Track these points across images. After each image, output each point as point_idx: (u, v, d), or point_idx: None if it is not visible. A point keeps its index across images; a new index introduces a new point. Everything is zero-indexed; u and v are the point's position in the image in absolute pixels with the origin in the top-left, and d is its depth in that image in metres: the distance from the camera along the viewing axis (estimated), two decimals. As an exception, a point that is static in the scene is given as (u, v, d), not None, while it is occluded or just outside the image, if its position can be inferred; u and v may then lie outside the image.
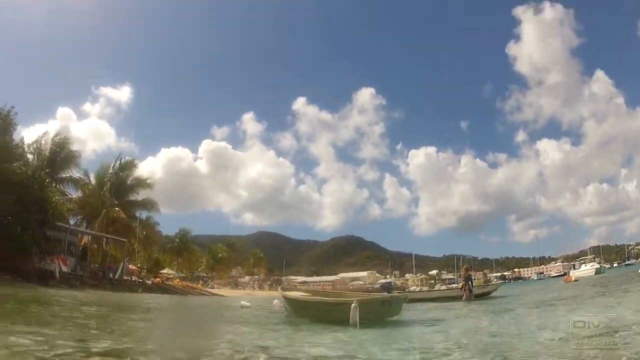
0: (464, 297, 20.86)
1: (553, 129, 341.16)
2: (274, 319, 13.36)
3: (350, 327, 9.75)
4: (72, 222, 37.48)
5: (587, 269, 66.51)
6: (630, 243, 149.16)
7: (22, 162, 24.01)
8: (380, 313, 11.35)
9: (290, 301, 14.03)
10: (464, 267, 26.79)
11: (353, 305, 10.42)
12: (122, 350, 5.30)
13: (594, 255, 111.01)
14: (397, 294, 16.11)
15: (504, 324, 10.24)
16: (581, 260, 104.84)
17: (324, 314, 11.37)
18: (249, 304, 21.84)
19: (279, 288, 18.35)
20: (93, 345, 5.54)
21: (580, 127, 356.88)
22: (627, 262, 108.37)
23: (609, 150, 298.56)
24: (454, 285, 39.34)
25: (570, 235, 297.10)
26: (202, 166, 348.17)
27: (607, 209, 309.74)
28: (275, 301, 18.60)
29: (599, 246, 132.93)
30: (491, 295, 23.82)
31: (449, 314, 14.02)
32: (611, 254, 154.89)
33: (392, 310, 12.02)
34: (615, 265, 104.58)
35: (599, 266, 70.23)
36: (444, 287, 43.31)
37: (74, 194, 42.02)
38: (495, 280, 53.67)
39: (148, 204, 46.66)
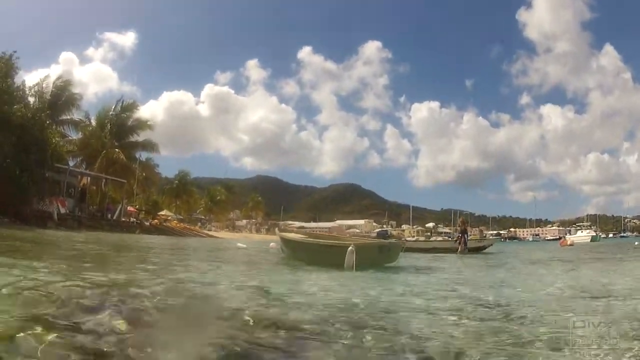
0: (459, 250, 20.96)
1: (558, 96, 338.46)
2: (270, 259, 13.65)
3: (346, 270, 9.95)
4: (71, 163, 37.62)
5: (583, 235, 67.02)
6: (627, 216, 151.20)
7: (22, 105, 23.81)
8: (376, 259, 11.45)
9: (287, 242, 14.14)
10: (461, 219, 26.92)
11: (350, 249, 10.51)
12: (121, 281, 5.50)
13: (590, 223, 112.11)
14: (395, 241, 16.20)
15: (501, 274, 10.45)
16: (578, 226, 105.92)
17: (320, 256, 11.42)
18: (245, 245, 22.25)
19: (277, 229, 18.49)
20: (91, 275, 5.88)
21: (586, 97, 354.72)
22: (622, 234, 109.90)
23: (612, 123, 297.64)
24: (450, 238, 39.92)
25: (568, 201, 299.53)
26: (204, 110, 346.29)
27: (606, 179, 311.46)
28: (272, 244, 18.87)
29: (595, 215, 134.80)
30: (486, 250, 24.21)
31: (445, 263, 14.27)
32: (607, 224, 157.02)
33: (388, 257, 12.20)
34: (610, 235, 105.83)
35: (594, 234, 70.81)
36: (440, 239, 43.87)
37: (75, 136, 42.01)
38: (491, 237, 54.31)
39: (148, 145, 46.49)
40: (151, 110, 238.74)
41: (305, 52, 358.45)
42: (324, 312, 4.63)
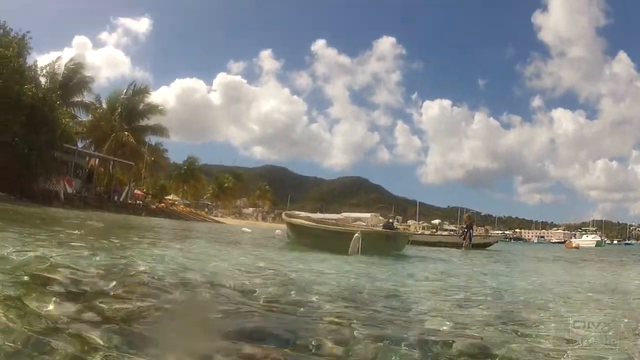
0: (463, 245, 20.78)
1: (570, 100, 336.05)
2: (275, 243, 13.80)
3: (350, 255, 10.07)
4: (80, 145, 37.93)
5: (588, 240, 66.82)
6: (633, 223, 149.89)
7: (33, 85, 24.06)
8: (382, 247, 11.47)
9: (293, 227, 14.16)
10: (467, 215, 26.69)
11: (356, 235, 10.57)
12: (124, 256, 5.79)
13: (596, 228, 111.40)
14: (401, 231, 16.19)
15: (506, 268, 10.58)
16: (583, 230, 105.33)
17: (326, 242, 11.33)
18: (250, 230, 22.49)
19: (283, 214, 18.41)
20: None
21: (597, 103, 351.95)
22: (627, 242, 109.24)
23: (622, 130, 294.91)
24: (455, 234, 39.85)
25: (575, 205, 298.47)
26: (216, 98, 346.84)
27: (614, 186, 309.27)
28: (278, 231, 18.97)
29: (601, 221, 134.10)
30: (490, 248, 24.20)
31: (449, 255, 14.41)
32: (612, 230, 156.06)
33: (395, 246, 12.25)
34: (615, 242, 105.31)
35: (600, 239, 70.55)
36: (445, 233, 43.88)
37: (85, 118, 42.36)
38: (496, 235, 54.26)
39: (158, 130, 46.70)
40: (163, 96, 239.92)
41: (319, 45, 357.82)
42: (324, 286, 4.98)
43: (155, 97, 59.60)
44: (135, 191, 43.93)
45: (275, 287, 4.43)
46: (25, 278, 3.18)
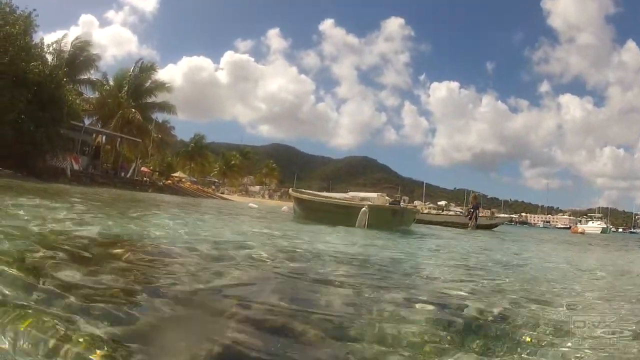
0: (469, 225, 20.91)
1: (578, 87, 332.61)
2: (282, 217, 13.93)
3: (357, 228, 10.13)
4: (87, 122, 37.78)
5: (594, 226, 66.70)
6: (638, 212, 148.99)
7: (39, 62, 23.98)
8: (390, 222, 11.47)
9: (300, 201, 14.16)
10: (472, 195, 26.65)
11: (363, 209, 10.60)
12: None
13: (602, 215, 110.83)
14: (409, 207, 16.20)
15: (512, 246, 10.69)
16: (589, 216, 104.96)
17: (333, 216, 11.33)
18: (256, 206, 22.76)
19: (290, 190, 18.44)
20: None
21: (605, 91, 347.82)
22: (632, 230, 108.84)
23: (630, 119, 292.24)
24: (460, 211, 39.82)
25: (581, 191, 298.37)
26: (223, 77, 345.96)
27: (620, 174, 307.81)
28: (284, 207, 19.08)
29: (607, 208, 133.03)
30: (495, 229, 24.24)
31: (454, 234, 14.56)
32: (618, 218, 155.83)
33: (402, 222, 12.29)
34: (620, 230, 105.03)
35: (605, 226, 70.34)
36: (451, 213, 44.01)
37: (92, 95, 42.18)
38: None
39: (165, 107, 46.44)
40: (170, 74, 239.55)
41: (327, 25, 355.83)
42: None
43: (163, 75, 59.31)
44: (142, 168, 44.10)
45: (284, 253, 4.65)
46: (37, 244, 3.32)
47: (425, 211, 43.76)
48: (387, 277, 3.83)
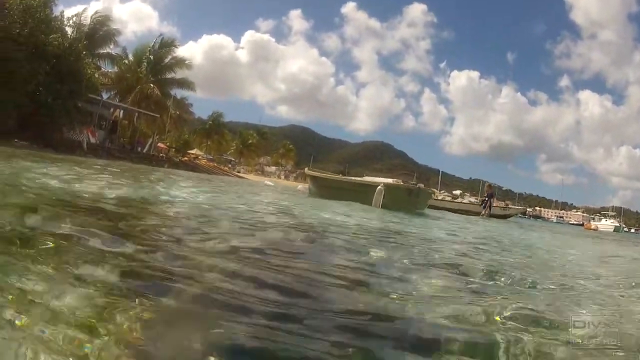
0: (482, 213, 20.78)
1: (597, 84, 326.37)
2: (297, 194, 14.06)
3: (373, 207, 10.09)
4: (105, 96, 37.87)
5: (607, 224, 65.98)
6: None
7: (59, 35, 24.02)
8: (405, 202, 11.41)
9: (315, 179, 14.17)
10: (487, 184, 26.37)
11: (379, 188, 10.55)
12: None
13: (615, 213, 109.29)
14: (425, 188, 16.10)
15: (528, 235, 10.64)
16: (602, 214, 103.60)
17: (348, 194, 11.30)
18: (272, 183, 23.02)
19: (306, 168, 18.46)
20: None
21: (625, 89, 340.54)
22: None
23: None
24: (474, 201, 39.55)
25: (596, 189, 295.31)
26: (243, 56, 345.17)
27: (636, 174, 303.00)
28: (300, 186, 19.16)
29: (620, 207, 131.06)
30: (510, 219, 23.99)
31: (468, 220, 14.54)
32: (631, 218, 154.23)
33: (417, 203, 12.23)
34: (632, 230, 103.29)
35: (617, 225, 69.45)
36: (465, 201, 43.79)
37: (110, 70, 42.16)
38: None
39: (184, 83, 46.13)
40: (190, 51, 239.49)
41: (349, 8, 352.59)
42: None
43: (182, 52, 58.89)
44: (159, 144, 44.30)
45: (298, 220, 4.88)
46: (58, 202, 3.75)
47: (440, 197, 43.67)
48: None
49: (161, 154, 41.07)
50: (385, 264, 2.96)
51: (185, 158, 47.70)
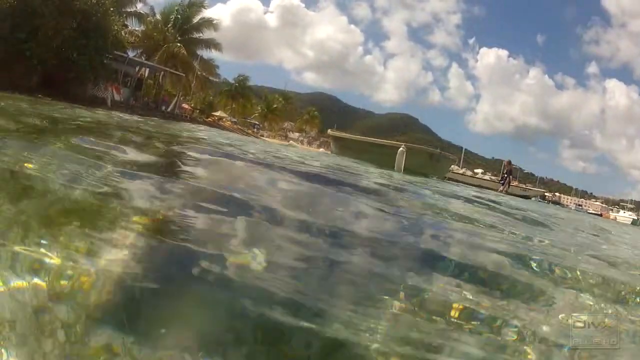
0: (500, 189, 20.48)
1: (625, 73, 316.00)
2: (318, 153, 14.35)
3: (395, 170, 10.10)
4: (131, 54, 37.49)
5: (625, 216, 65.10)
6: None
7: (86, -11, 23.85)
8: (426, 166, 11.43)
9: (337, 140, 14.25)
10: (507, 161, 25.94)
11: (400, 149, 10.53)
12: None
13: (634, 206, 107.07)
14: (446, 154, 15.91)
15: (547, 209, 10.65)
16: (621, 206, 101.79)
17: (370, 155, 11.40)
18: (297, 145, 23.61)
19: (329, 130, 18.64)
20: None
21: None
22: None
23: None
24: (494, 178, 39.20)
25: (615, 180, 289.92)
26: (272, 20, 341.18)
27: None
28: (321, 149, 19.42)
29: (639, 202, 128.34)
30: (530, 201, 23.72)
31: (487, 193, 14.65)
32: None
33: (437, 168, 12.21)
34: None
35: (636, 218, 68.29)
36: (486, 177, 43.34)
37: (137, 28, 42.03)
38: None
39: (211, 44, 45.84)
40: (218, 14, 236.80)
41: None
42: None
43: (210, 13, 58.29)
44: (183, 105, 44.36)
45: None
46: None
47: (461, 171, 43.37)
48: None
49: (185, 114, 41.14)
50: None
51: (209, 119, 47.78)
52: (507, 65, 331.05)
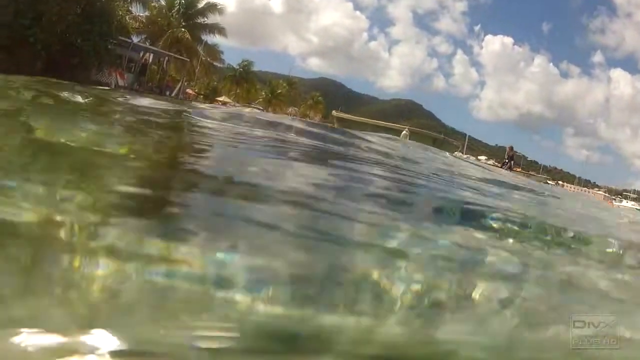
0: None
1: (630, 63, 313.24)
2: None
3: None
4: (135, 40, 37.11)
5: (627, 205, 64.70)
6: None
7: (90, -26, 23.67)
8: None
9: (341, 120, 14.25)
10: (509, 146, 25.80)
11: (404, 132, 10.61)
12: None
13: (636, 196, 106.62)
14: (448, 139, 15.95)
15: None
16: (624, 195, 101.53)
17: None
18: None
19: (333, 111, 18.64)
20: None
21: None
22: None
23: None
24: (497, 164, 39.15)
25: (618, 170, 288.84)
26: (276, 5, 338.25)
27: None
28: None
29: None
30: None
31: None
32: None
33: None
34: None
35: (638, 208, 68.27)
36: (490, 162, 43.33)
37: (142, 14, 41.48)
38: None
39: (216, 29, 45.70)
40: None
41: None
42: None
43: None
44: (187, 90, 44.28)
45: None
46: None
47: (465, 157, 43.28)
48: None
49: (189, 100, 41.06)
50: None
51: (213, 104, 47.67)
52: (512, 52, 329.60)
